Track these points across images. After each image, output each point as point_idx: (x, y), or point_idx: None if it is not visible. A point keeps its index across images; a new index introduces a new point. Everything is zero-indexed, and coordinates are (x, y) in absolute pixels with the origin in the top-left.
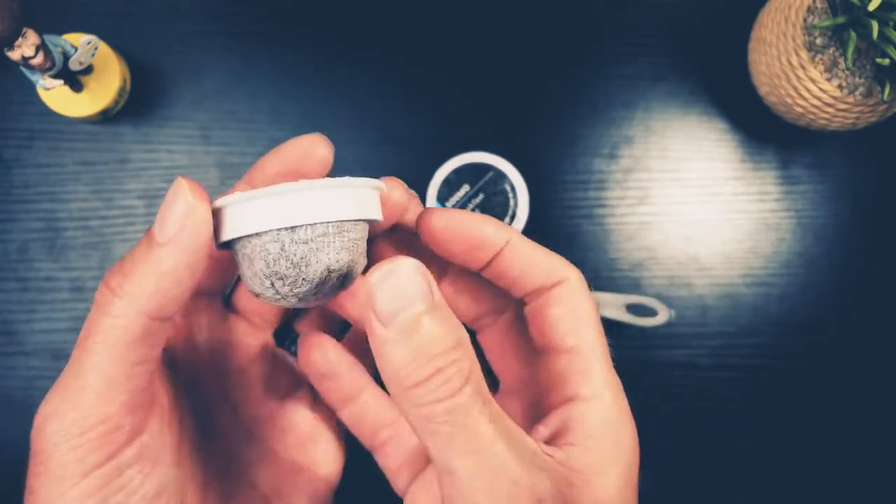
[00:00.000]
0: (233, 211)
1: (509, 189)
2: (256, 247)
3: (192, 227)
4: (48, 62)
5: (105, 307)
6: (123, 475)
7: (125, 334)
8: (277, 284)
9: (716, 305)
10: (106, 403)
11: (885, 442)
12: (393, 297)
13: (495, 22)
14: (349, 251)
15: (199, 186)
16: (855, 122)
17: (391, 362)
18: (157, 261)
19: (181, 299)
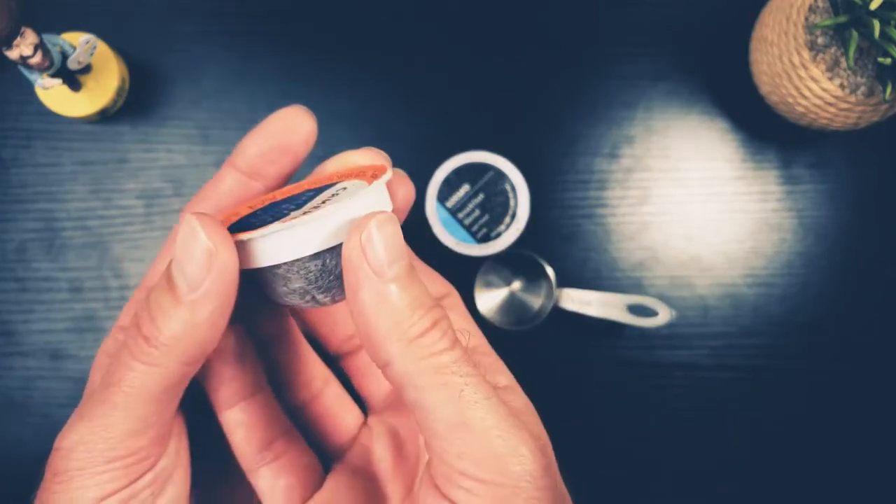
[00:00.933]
0: (266, 242)
1: (509, 189)
2: (294, 268)
3: (217, 274)
4: (46, 61)
5: (139, 355)
6: (136, 498)
7: (163, 380)
8: (319, 296)
9: (717, 305)
10: (136, 439)
11: (885, 442)
12: (386, 250)
13: (495, 22)
14: None
15: (214, 221)
16: (856, 122)
17: (393, 312)
18: (188, 313)
19: (215, 342)
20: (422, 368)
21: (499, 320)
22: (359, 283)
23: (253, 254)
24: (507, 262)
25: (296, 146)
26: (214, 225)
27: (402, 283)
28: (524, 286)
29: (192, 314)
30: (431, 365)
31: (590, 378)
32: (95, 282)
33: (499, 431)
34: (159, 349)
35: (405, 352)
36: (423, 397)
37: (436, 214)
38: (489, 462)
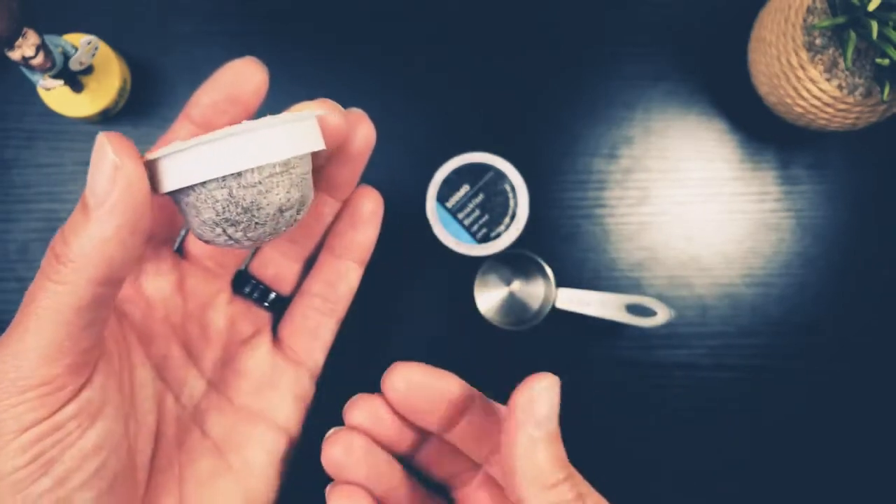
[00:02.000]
0: (171, 161)
1: (509, 189)
2: (202, 196)
3: (123, 187)
4: (48, 62)
5: (51, 274)
6: (61, 430)
7: (74, 300)
8: (230, 231)
9: (715, 305)
10: (49, 366)
11: (884, 442)
12: (550, 408)
13: (495, 22)
14: (298, 187)
15: (123, 139)
16: (855, 123)
17: (537, 462)
18: (95, 227)
19: (130, 261)
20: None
21: (498, 320)
22: (519, 427)
23: (163, 176)
24: (507, 262)
25: (246, 96)
26: (121, 141)
27: (551, 439)
28: (523, 286)
29: (100, 228)
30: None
31: (588, 378)
32: None
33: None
34: (68, 266)
35: (539, 496)
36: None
37: (436, 214)
38: None
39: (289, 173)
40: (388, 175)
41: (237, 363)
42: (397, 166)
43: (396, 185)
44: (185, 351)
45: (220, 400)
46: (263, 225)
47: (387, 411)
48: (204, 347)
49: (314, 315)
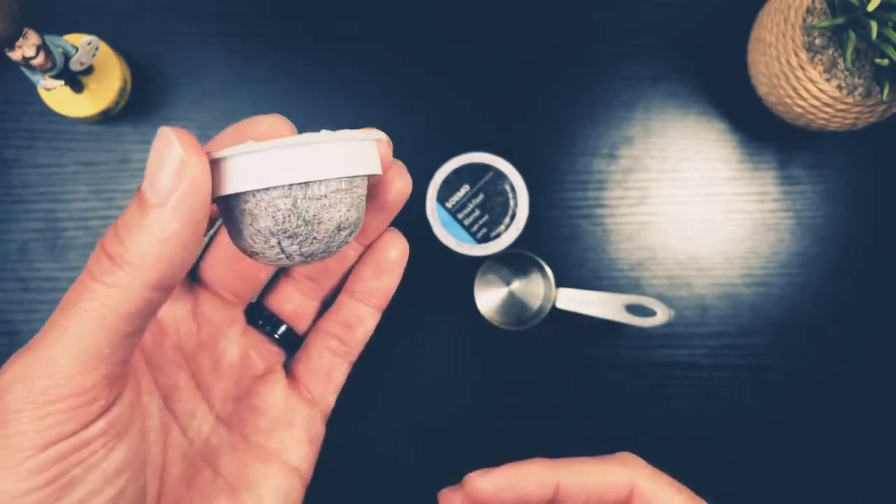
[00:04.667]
0: (237, 163)
1: (509, 189)
2: (263, 202)
3: (189, 184)
4: (49, 62)
5: (102, 276)
6: (87, 447)
7: (125, 305)
8: (285, 243)
9: (715, 305)
10: (85, 376)
11: (884, 442)
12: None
13: (495, 22)
14: (357, 208)
15: (190, 136)
16: (854, 123)
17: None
18: (157, 226)
19: (187, 266)
20: None
21: (498, 320)
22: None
23: (225, 178)
24: (507, 262)
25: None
26: (189, 137)
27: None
28: (523, 286)
29: (162, 227)
30: None
31: (588, 377)
32: None
33: None
34: (124, 268)
35: None
36: None
37: (436, 215)
38: None
39: (352, 191)
40: None
41: (252, 399)
42: None
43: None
44: (195, 382)
45: (233, 436)
46: (320, 241)
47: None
48: (215, 380)
49: (329, 356)
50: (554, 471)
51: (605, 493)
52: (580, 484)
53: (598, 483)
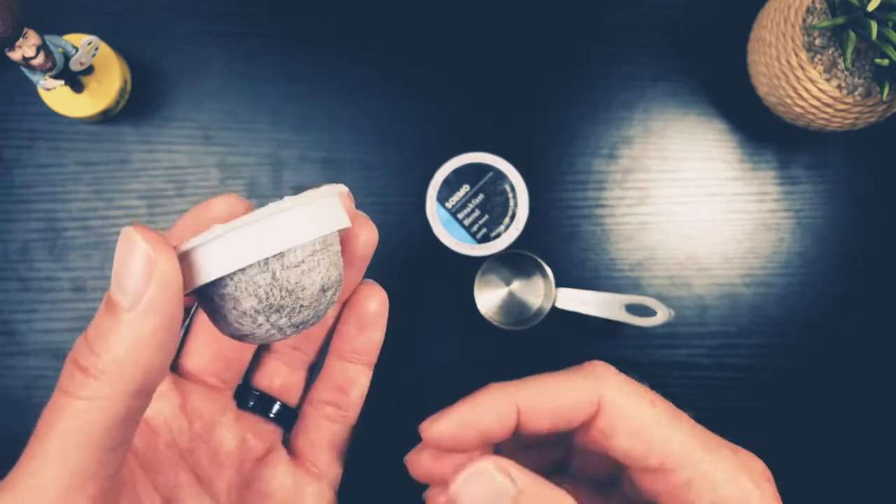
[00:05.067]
0: (208, 250)
1: (509, 189)
2: (241, 283)
3: (160, 282)
4: (49, 62)
5: (76, 390)
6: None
7: (105, 418)
8: (273, 318)
9: (715, 305)
10: (72, 497)
11: (884, 441)
12: (477, 500)
13: (495, 22)
14: (336, 265)
15: (154, 232)
16: (854, 123)
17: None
18: (131, 330)
19: (165, 367)
20: None
21: (498, 320)
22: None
23: (197, 268)
24: (507, 262)
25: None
26: (153, 234)
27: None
28: (523, 286)
29: (136, 331)
30: None
31: None
32: (98, 282)
33: None
34: (99, 378)
35: None
36: None
37: (436, 215)
38: None
39: (327, 250)
40: (388, 175)
41: (258, 484)
42: (397, 166)
43: (396, 185)
44: (195, 477)
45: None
46: (307, 308)
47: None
48: (216, 471)
49: (328, 425)
50: (511, 395)
51: (571, 412)
52: (541, 405)
53: (562, 402)
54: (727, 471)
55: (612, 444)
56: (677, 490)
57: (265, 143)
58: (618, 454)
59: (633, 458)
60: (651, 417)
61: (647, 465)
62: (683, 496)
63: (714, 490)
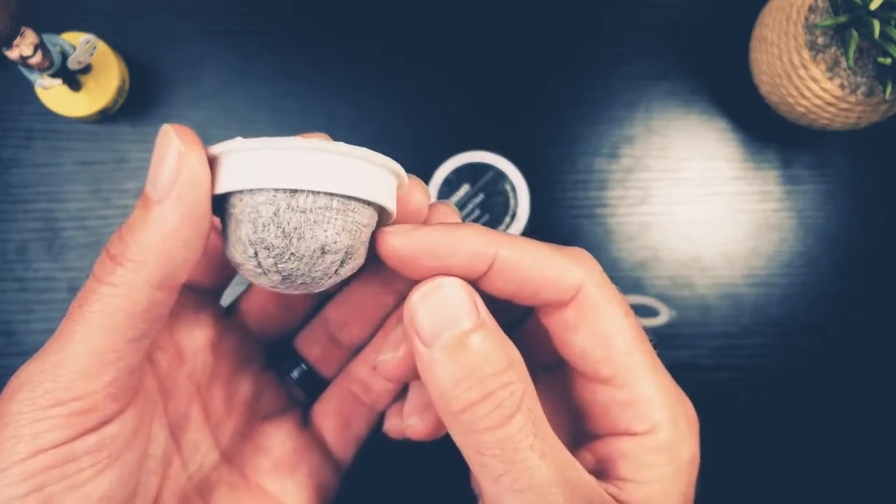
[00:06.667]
0: (229, 161)
1: (509, 189)
2: (247, 206)
3: (187, 177)
4: (46, 61)
5: (105, 276)
6: (73, 462)
7: (128, 305)
8: (262, 255)
9: (717, 305)
10: (89, 380)
11: (886, 442)
12: (436, 316)
13: (495, 22)
14: (350, 234)
15: (189, 131)
16: (857, 122)
17: (437, 384)
18: (158, 221)
19: (190, 263)
20: (463, 445)
21: None
22: (413, 349)
23: (217, 176)
24: None
25: None
26: (187, 131)
27: (451, 352)
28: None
29: (163, 223)
30: (472, 443)
31: None
32: None
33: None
34: (126, 266)
35: (449, 424)
36: (474, 471)
37: None
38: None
39: (345, 214)
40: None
41: (258, 438)
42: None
43: None
44: (205, 414)
45: (233, 475)
46: (299, 259)
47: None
48: (226, 415)
49: (351, 402)
50: (493, 242)
51: (545, 286)
52: (519, 265)
53: (542, 273)
54: (668, 405)
55: (571, 339)
56: (615, 406)
57: None
58: (572, 350)
59: (586, 359)
60: (621, 327)
61: (596, 371)
62: (620, 414)
63: (651, 418)
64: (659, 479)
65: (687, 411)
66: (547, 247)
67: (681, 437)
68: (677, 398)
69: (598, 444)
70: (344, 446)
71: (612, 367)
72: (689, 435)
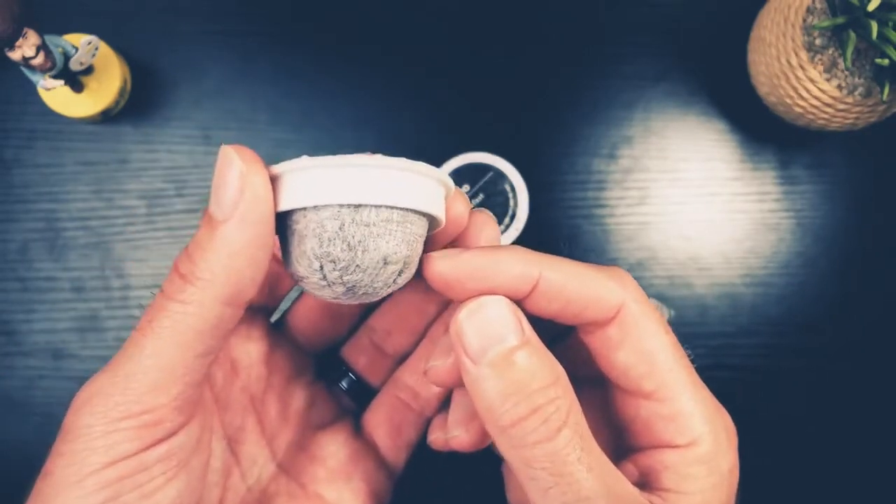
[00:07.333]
0: (292, 179)
1: (509, 189)
2: (312, 222)
3: (251, 196)
4: (49, 62)
5: (175, 294)
6: (146, 472)
7: (198, 322)
8: (327, 268)
9: (715, 305)
10: (158, 393)
11: (884, 442)
12: (483, 333)
13: (495, 22)
14: (409, 245)
15: (250, 151)
16: (854, 122)
17: (485, 399)
18: (224, 240)
19: (257, 280)
20: (512, 458)
21: None
22: (461, 367)
23: (280, 194)
24: None
25: None
26: (248, 152)
27: (496, 370)
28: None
29: (229, 242)
30: (521, 456)
31: None
32: (97, 282)
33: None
34: (196, 284)
35: (499, 438)
36: (522, 483)
37: None
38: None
39: (404, 226)
40: None
41: (313, 448)
42: None
43: None
44: (260, 427)
45: (292, 486)
46: (363, 272)
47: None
48: (280, 427)
49: (401, 409)
50: (537, 262)
51: (589, 306)
52: (563, 285)
53: (586, 292)
54: (708, 418)
55: (614, 356)
56: (658, 420)
57: (265, 143)
58: (615, 366)
59: (629, 375)
60: (662, 343)
61: (639, 386)
62: (663, 428)
63: (693, 431)
64: (701, 489)
65: (726, 423)
66: (588, 267)
67: (721, 449)
68: (716, 411)
69: (641, 456)
70: (396, 453)
71: (654, 383)
72: (729, 446)
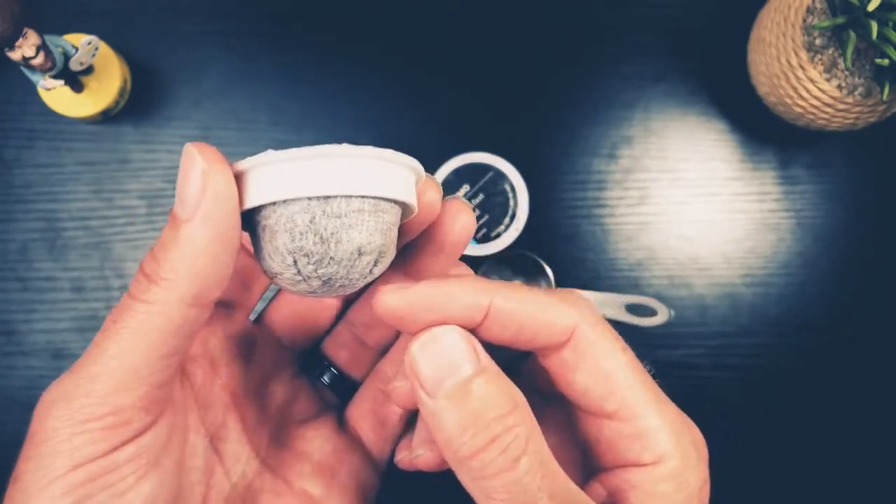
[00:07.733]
0: (258, 174)
1: (509, 189)
2: (282, 217)
3: (213, 194)
4: (49, 62)
5: (140, 294)
6: (115, 472)
7: (162, 322)
8: (301, 263)
9: (715, 305)
10: (122, 394)
11: (883, 442)
12: (437, 365)
13: (495, 22)
14: (382, 234)
15: (212, 149)
16: (854, 122)
17: (443, 431)
18: (187, 240)
19: (221, 280)
20: (473, 489)
21: None
22: (417, 399)
23: (246, 191)
24: (507, 262)
25: None
26: (210, 149)
27: (452, 401)
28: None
29: (191, 241)
30: (481, 488)
31: None
32: (97, 282)
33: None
34: (159, 284)
35: (457, 470)
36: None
37: None
38: None
39: (376, 215)
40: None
41: (297, 444)
42: None
43: None
44: (242, 424)
45: (277, 482)
46: (338, 263)
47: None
48: (263, 423)
49: (384, 401)
50: (487, 291)
51: (541, 331)
52: (514, 312)
53: (537, 318)
54: (674, 433)
55: (572, 378)
56: (622, 439)
57: (265, 143)
58: (574, 388)
59: (588, 396)
60: (620, 362)
61: (601, 407)
62: (627, 447)
63: (658, 448)
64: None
65: (694, 438)
66: (538, 292)
67: (689, 465)
68: (683, 425)
69: (607, 476)
70: (381, 445)
71: (615, 403)
72: (698, 461)
